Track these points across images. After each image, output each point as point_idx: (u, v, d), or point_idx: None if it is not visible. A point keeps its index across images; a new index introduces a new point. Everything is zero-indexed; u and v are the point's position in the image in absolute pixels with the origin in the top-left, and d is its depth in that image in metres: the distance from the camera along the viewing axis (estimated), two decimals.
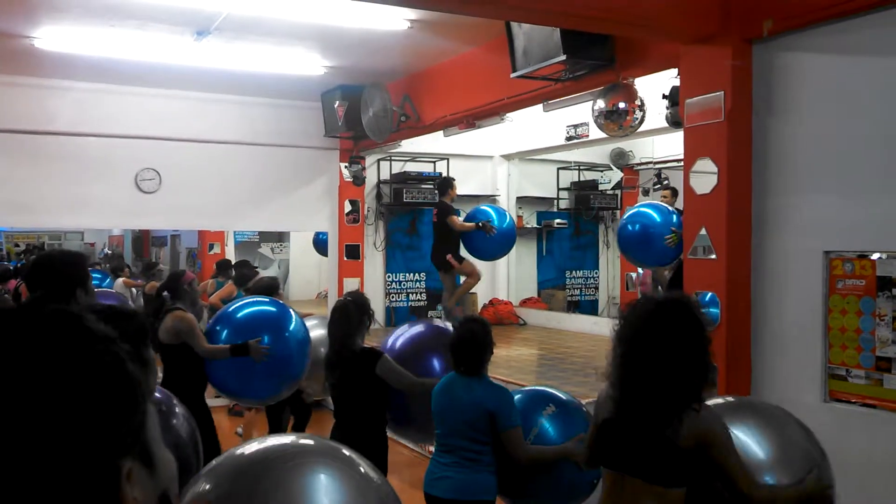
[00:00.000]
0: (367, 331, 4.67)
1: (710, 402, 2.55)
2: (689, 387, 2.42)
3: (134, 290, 11.42)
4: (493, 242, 8.35)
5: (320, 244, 12.65)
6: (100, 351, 0.81)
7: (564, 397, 4.05)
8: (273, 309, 5.29)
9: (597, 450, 2.66)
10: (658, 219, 6.37)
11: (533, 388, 4.24)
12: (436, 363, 4.67)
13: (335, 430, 4.63)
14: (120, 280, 10.84)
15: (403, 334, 4.93)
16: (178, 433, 2.52)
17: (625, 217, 6.71)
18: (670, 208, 6.50)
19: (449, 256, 8.25)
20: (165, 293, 5.24)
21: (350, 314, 4.55)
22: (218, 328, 5.10)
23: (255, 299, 5.65)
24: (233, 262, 10.36)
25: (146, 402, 0.84)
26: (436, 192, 9.54)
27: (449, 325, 4.91)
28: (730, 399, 3.01)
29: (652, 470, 2.43)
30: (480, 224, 8.18)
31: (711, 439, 2.40)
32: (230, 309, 5.32)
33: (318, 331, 5.63)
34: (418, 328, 5.05)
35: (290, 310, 5.35)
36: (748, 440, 2.62)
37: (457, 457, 3.75)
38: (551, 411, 3.86)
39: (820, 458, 2.75)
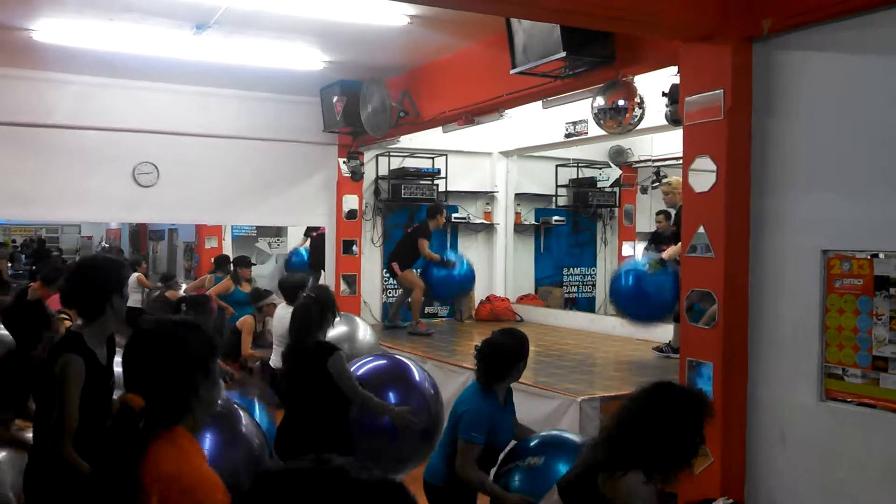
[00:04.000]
0: (329, 327, 4.64)
1: None
2: (656, 452, 2.56)
3: (145, 290, 11.45)
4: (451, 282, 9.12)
5: (297, 267, 12.40)
6: None
7: (575, 438, 4.04)
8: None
9: None
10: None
11: (555, 434, 4.20)
12: (391, 397, 4.66)
13: (283, 424, 4.56)
14: (135, 275, 10.93)
15: (363, 366, 4.91)
16: None
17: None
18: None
19: (395, 264, 8.99)
20: (184, 306, 5.31)
21: (311, 311, 4.54)
22: None
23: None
24: (232, 258, 10.38)
25: None
26: (438, 194, 10.14)
27: (407, 361, 5.04)
28: None
29: None
30: (446, 261, 9.14)
31: None
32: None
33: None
34: (380, 361, 5.05)
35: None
36: None
37: (441, 445, 4.01)
38: (533, 463, 3.81)
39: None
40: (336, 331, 6.53)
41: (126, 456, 1.89)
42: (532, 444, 3.90)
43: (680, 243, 6.61)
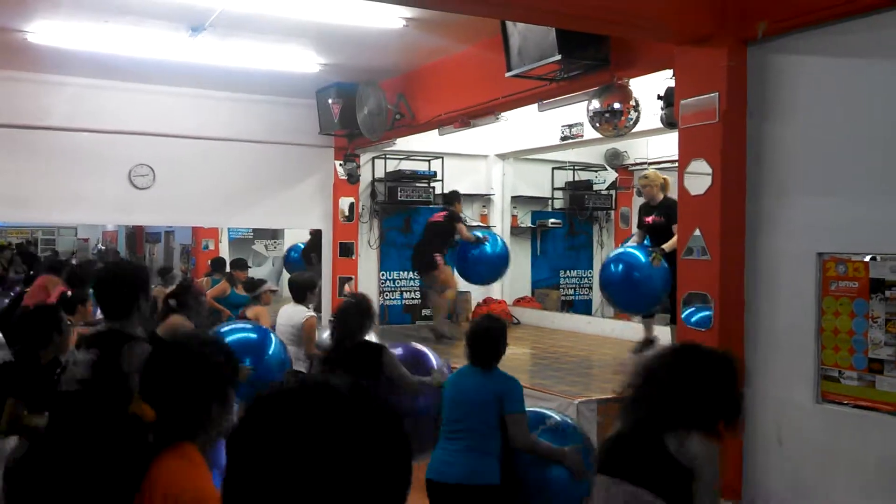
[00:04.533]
0: (367, 332, 4.83)
1: None
2: (700, 409, 2.46)
3: None
4: (484, 263, 8.76)
5: (293, 264, 12.46)
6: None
7: (559, 418, 4.33)
8: (254, 335, 5.52)
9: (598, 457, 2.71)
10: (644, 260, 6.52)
11: (530, 409, 4.34)
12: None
13: None
14: None
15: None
16: None
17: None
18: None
19: (437, 256, 8.52)
20: (172, 301, 5.31)
21: (351, 316, 4.73)
22: None
23: (238, 326, 5.90)
24: (228, 261, 10.35)
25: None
26: (434, 196, 10.01)
27: (426, 349, 5.26)
28: None
29: (644, 475, 2.43)
30: (479, 238, 8.74)
31: (699, 472, 2.42)
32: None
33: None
34: (397, 350, 5.19)
35: (272, 334, 5.56)
36: None
37: (465, 443, 3.88)
38: (552, 424, 4.12)
39: None
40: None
41: (131, 466, 1.88)
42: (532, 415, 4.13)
43: (672, 239, 6.69)
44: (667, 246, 6.63)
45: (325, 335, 6.26)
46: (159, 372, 2.05)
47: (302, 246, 12.13)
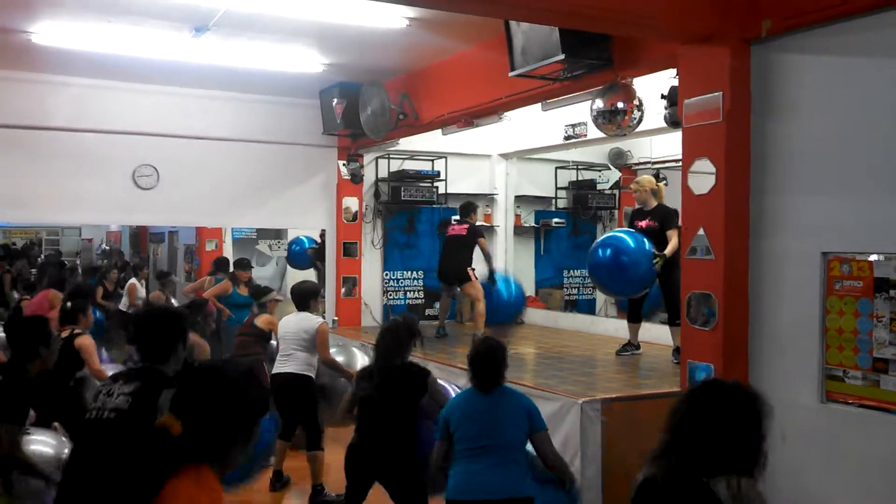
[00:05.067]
0: (413, 351, 4.93)
1: None
2: (745, 450, 2.33)
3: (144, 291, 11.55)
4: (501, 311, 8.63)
5: (296, 257, 12.54)
6: None
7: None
8: None
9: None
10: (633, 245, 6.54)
11: None
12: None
13: (360, 442, 4.73)
14: (133, 280, 11.09)
15: None
16: None
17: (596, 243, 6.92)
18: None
19: (470, 270, 8.50)
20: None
21: (400, 335, 4.83)
22: None
23: None
24: (231, 260, 10.37)
25: None
26: (438, 196, 9.96)
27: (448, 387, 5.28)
28: None
29: None
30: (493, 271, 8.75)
31: None
32: None
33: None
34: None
35: None
36: None
37: (494, 459, 3.98)
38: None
39: None
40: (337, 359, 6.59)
41: (150, 476, 1.89)
42: None
43: (672, 243, 6.72)
44: (668, 251, 6.67)
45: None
46: (195, 392, 2.07)
47: (305, 240, 12.15)
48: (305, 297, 6.44)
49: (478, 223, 9.04)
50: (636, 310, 7.36)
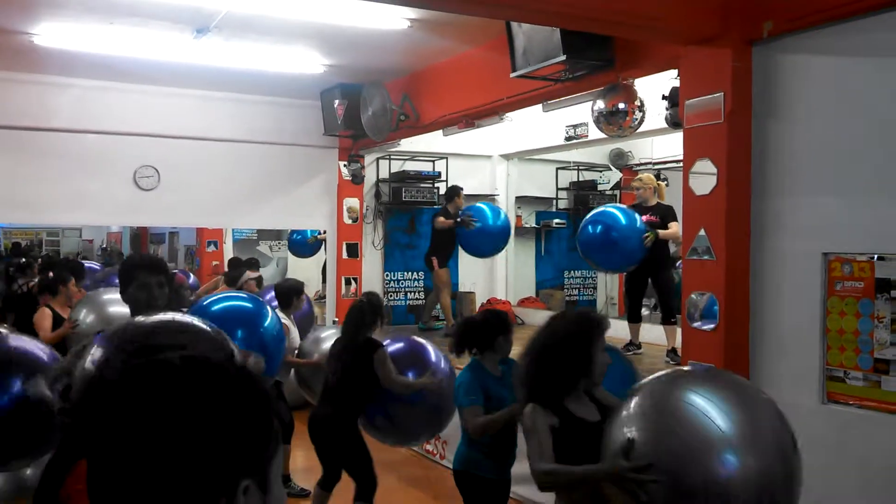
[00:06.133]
0: (377, 329, 5.17)
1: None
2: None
3: None
4: (483, 238, 8.72)
5: (297, 246, 12.59)
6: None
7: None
8: (249, 305, 5.32)
9: None
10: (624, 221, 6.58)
11: None
12: (410, 376, 5.15)
13: (321, 405, 5.12)
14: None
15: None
16: None
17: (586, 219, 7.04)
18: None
19: (434, 258, 8.79)
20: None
21: (364, 312, 5.10)
22: None
23: (232, 294, 5.90)
24: (242, 260, 10.34)
25: (278, 442, 1.11)
26: (442, 196, 9.92)
27: (423, 341, 5.47)
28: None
29: None
30: (459, 220, 8.78)
31: None
32: (205, 303, 5.36)
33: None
34: (398, 343, 5.37)
35: (267, 307, 5.40)
36: (715, 413, 2.47)
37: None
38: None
39: (791, 449, 2.57)
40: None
41: None
42: None
43: (673, 228, 6.78)
44: (662, 232, 6.79)
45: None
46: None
47: (307, 231, 12.13)
48: (288, 295, 6.51)
49: (462, 209, 9.09)
50: (636, 310, 7.43)
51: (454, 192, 9.14)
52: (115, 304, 5.28)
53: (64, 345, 6.05)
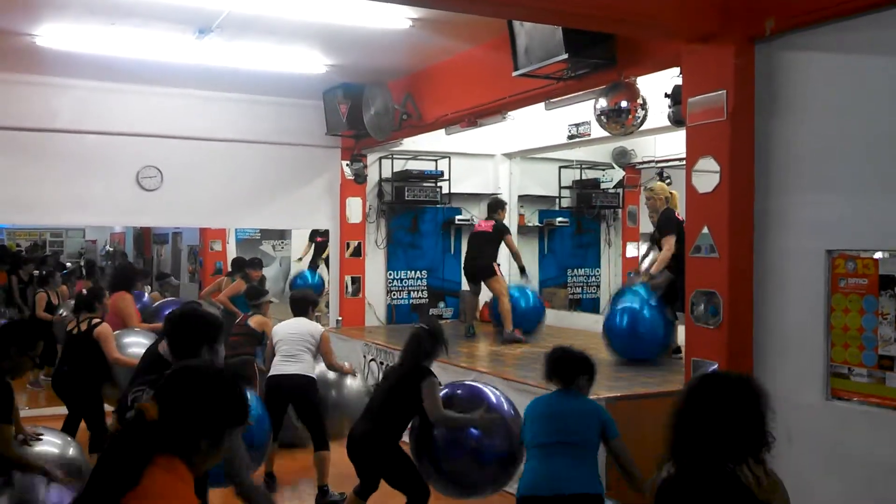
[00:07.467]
0: (436, 358, 5.06)
1: None
2: (758, 437, 2.39)
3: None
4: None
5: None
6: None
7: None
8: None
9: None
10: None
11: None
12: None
13: (353, 433, 5.01)
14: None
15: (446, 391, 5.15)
16: None
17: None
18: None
19: (496, 265, 8.59)
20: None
21: (421, 340, 4.99)
22: None
23: None
24: (245, 260, 10.35)
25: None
26: (441, 196, 9.82)
27: (481, 386, 5.26)
28: None
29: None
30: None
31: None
32: None
33: None
34: (457, 390, 5.20)
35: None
36: None
37: (568, 457, 3.98)
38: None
39: None
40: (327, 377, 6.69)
41: (129, 465, 1.90)
42: None
43: (663, 251, 6.71)
44: (654, 268, 6.73)
45: None
46: (178, 382, 2.11)
47: (309, 275, 12.05)
48: (304, 305, 6.53)
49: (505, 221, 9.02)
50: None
51: (500, 205, 8.99)
52: None
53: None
